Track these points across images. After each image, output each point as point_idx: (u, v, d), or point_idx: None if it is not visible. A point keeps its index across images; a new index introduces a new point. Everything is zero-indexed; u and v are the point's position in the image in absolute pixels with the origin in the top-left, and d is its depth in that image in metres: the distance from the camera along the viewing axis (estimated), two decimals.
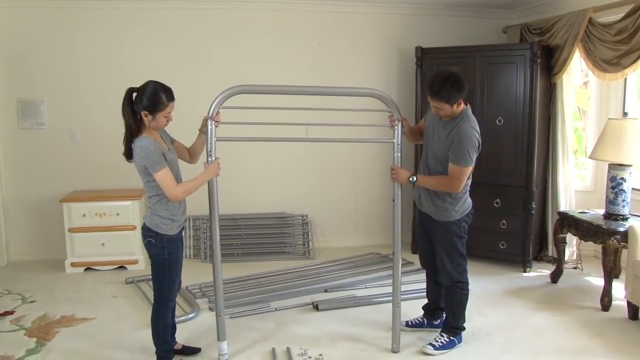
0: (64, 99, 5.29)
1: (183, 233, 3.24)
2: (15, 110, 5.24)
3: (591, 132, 5.26)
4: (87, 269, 5.05)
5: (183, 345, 3.42)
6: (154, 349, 3.22)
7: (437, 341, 3.44)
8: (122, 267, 5.08)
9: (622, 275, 4.38)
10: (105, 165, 5.34)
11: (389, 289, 4.43)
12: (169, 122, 3.04)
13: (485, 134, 4.87)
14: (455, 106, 3.19)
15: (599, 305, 4.09)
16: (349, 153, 5.84)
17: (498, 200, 4.97)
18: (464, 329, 3.51)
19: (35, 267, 5.16)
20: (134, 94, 2.96)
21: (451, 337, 3.45)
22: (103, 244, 5.01)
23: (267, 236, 5.62)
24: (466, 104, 3.29)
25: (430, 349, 3.39)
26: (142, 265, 5.07)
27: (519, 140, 4.87)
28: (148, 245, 3.08)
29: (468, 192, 3.38)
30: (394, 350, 3.39)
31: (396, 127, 3.29)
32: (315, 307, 4.14)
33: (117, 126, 5.37)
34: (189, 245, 5.48)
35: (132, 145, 2.97)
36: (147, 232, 3.06)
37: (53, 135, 5.32)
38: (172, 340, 3.32)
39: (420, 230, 3.65)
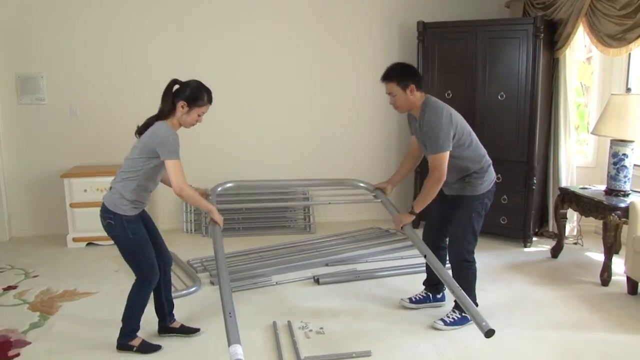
0: (64, 74, 5.25)
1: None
2: (14, 85, 5.20)
3: (594, 108, 5.23)
4: (89, 244, 5.07)
5: (182, 325, 3.36)
6: (155, 322, 3.26)
7: (448, 317, 3.43)
8: None
9: (622, 251, 4.40)
10: (105, 140, 5.34)
11: (390, 263, 4.49)
12: (197, 122, 3.04)
13: (486, 109, 4.93)
14: (408, 92, 3.21)
15: (599, 280, 4.11)
16: (352, 129, 5.84)
17: (499, 175, 4.93)
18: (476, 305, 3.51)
19: (37, 243, 5.19)
20: (176, 86, 2.98)
21: (463, 314, 3.41)
22: None
23: (268, 211, 5.64)
24: (425, 94, 3.31)
25: (440, 324, 3.39)
26: None
27: (520, 115, 4.85)
28: (108, 227, 3.00)
29: (491, 165, 3.43)
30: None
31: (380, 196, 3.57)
32: (316, 281, 4.17)
33: (118, 102, 5.42)
34: (190, 220, 5.50)
35: (152, 126, 2.94)
36: (105, 213, 2.99)
37: (53, 111, 5.29)
38: (169, 319, 3.32)
39: (437, 201, 3.45)
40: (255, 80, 5.56)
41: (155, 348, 3.15)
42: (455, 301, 3.48)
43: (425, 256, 3.03)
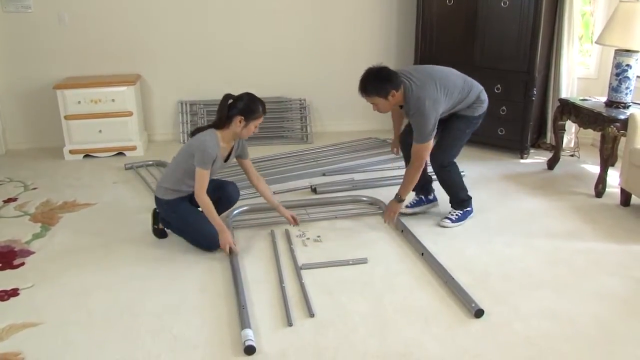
0: None
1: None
2: None
3: (600, 17, 5.06)
4: (86, 156, 5.07)
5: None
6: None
7: (452, 215, 3.64)
8: (120, 154, 5.09)
9: (618, 164, 4.41)
10: (97, 50, 5.21)
11: (387, 173, 4.51)
12: (254, 133, 3.24)
13: (489, 16, 4.79)
14: (390, 97, 3.21)
15: (593, 192, 4.15)
16: (348, 36, 5.66)
17: (499, 85, 4.88)
18: (469, 198, 3.67)
19: (34, 155, 5.18)
20: (230, 100, 3.15)
21: (464, 209, 3.64)
22: (100, 131, 4.99)
23: (265, 120, 5.54)
24: (403, 85, 3.26)
25: (448, 222, 3.61)
26: (141, 151, 5.10)
27: (523, 23, 4.69)
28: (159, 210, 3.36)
29: (483, 89, 3.49)
30: None
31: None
32: (314, 190, 4.21)
33: (108, 9, 5.20)
34: (185, 131, 5.43)
35: (203, 132, 3.15)
36: (155, 200, 3.33)
37: (41, 19, 5.09)
38: None
39: None
40: None
41: (164, 236, 3.46)
42: (450, 201, 3.70)
43: (422, 254, 3.21)
